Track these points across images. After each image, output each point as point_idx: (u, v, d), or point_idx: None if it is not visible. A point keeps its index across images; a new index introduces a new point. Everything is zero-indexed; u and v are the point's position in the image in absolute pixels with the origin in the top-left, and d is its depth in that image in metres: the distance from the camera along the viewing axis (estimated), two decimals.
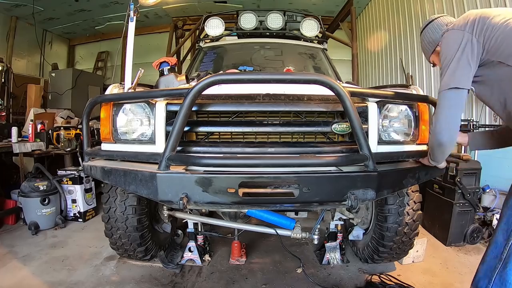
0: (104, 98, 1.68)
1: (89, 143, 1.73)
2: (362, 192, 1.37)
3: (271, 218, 2.13)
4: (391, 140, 1.66)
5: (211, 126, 1.59)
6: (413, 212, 2.03)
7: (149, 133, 1.59)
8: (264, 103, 1.52)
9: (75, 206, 3.33)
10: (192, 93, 1.31)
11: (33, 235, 2.92)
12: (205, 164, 1.39)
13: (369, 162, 1.38)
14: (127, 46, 2.03)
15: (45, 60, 7.84)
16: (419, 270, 2.34)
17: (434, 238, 2.89)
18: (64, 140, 3.74)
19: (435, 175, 1.73)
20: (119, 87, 1.86)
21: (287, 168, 1.42)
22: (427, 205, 3.02)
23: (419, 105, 1.68)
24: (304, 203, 1.45)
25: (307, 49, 3.52)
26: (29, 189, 3.03)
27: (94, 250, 2.63)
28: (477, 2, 3.65)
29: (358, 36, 6.98)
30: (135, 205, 2.02)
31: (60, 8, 6.85)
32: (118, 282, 2.13)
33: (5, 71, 5.08)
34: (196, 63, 3.39)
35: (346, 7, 6.15)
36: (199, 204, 1.43)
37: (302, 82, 1.37)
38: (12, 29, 6.79)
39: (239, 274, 2.26)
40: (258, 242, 2.77)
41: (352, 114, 1.33)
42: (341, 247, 2.43)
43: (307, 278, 2.18)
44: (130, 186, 1.49)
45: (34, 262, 2.39)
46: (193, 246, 2.38)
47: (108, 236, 2.12)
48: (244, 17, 3.42)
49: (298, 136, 1.64)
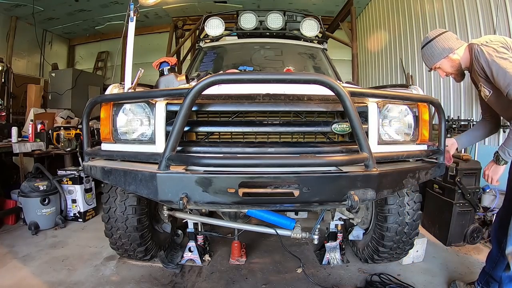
0: (104, 98, 1.68)
1: (89, 143, 1.73)
2: (362, 192, 1.37)
3: (271, 218, 2.13)
4: (391, 140, 1.66)
5: (211, 126, 1.59)
6: (413, 212, 2.03)
7: (149, 133, 1.59)
8: (264, 103, 1.52)
9: (75, 206, 3.33)
10: (192, 93, 1.31)
11: (33, 235, 2.92)
12: (205, 164, 1.39)
13: (369, 162, 1.38)
14: (127, 46, 2.03)
15: (45, 60, 7.85)
16: (419, 270, 2.34)
17: (434, 238, 2.89)
18: (64, 140, 3.74)
19: (435, 175, 1.73)
20: (119, 87, 1.86)
21: (287, 168, 1.42)
22: (427, 205, 3.02)
23: (419, 105, 1.68)
24: (304, 203, 1.44)
25: (307, 49, 3.52)
26: (29, 189, 3.03)
27: (94, 250, 2.63)
28: (477, 2, 3.65)
29: (358, 36, 6.98)
30: (135, 205, 2.02)
31: (60, 8, 6.85)
32: (118, 282, 2.13)
33: (5, 71, 5.09)
34: (196, 63, 3.39)
35: (346, 7, 6.16)
36: (199, 204, 1.42)
37: (302, 82, 1.37)
38: (12, 29, 6.80)
39: (239, 274, 2.26)
40: (258, 242, 2.77)
41: (352, 114, 1.33)
42: (341, 247, 2.43)
43: (307, 278, 2.18)
44: (130, 186, 1.48)
45: (34, 262, 2.39)
46: (193, 246, 2.38)
47: (108, 236, 2.12)
48: (244, 17, 3.42)
49: (298, 136, 1.64)
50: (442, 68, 1.82)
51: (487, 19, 3.50)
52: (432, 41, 1.78)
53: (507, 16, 3.22)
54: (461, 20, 3.95)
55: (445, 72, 1.84)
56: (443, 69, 1.82)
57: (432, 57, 1.79)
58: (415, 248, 2.27)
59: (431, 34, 1.81)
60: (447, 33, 1.77)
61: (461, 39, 1.82)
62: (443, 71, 1.84)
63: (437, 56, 1.78)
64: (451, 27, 4.13)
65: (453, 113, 4.12)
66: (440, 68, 1.82)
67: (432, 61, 1.81)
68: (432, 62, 1.81)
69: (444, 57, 1.76)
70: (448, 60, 1.77)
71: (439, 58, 1.77)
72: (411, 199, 2.03)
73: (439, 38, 1.76)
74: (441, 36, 1.76)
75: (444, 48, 1.74)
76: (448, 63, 1.77)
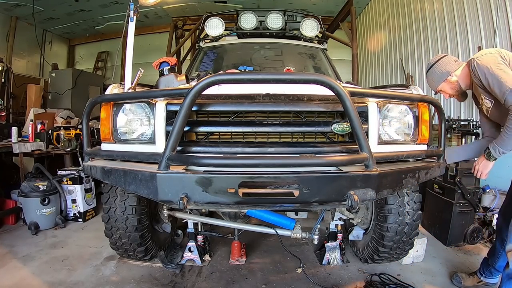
0: (104, 98, 1.68)
1: (89, 143, 1.73)
2: (362, 192, 1.37)
3: (271, 218, 2.13)
4: (391, 140, 1.66)
5: (211, 126, 1.59)
6: (413, 212, 2.02)
7: (149, 133, 1.59)
8: (264, 103, 1.51)
9: (75, 206, 3.33)
10: (192, 93, 1.31)
11: (33, 235, 2.92)
12: (205, 164, 1.39)
13: (369, 162, 1.38)
14: (127, 46, 2.03)
15: (45, 60, 7.85)
16: (419, 270, 2.34)
17: (434, 238, 2.88)
18: (64, 140, 3.74)
19: (435, 175, 1.74)
20: (119, 87, 1.86)
21: (287, 168, 1.42)
22: (427, 205, 3.02)
23: (419, 105, 1.68)
24: (304, 203, 1.44)
25: (307, 49, 3.52)
26: (29, 189, 3.03)
27: (94, 250, 2.63)
28: (477, 2, 3.65)
29: (358, 36, 6.99)
30: (135, 205, 2.01)
31: (60, 8, 6.86)
32: (118, 282, 2.13)
33: (5, 71, 5.08)
34: (196, 63, 3.39)
35: (346, 7, 6.16)
36: (199, 204, 1.42)
37: (302, 82, 1.37)
38: (12, 29, 6.80)
39: (239, 274, 2.26)
40: (258, 242, 2.77)
41: (352, 114, 1.33)
42: (341, 247, 2.43)
43: (307, 278, 2.18)
44: (130, 186, 1.48)
45: (34, 262, 2.39)
46: (193, 246, 2.38)
47: (108, 236, 2.12)
48: (244, 17, 3.42)
49: (298, 136, 1.64)
50: (444, 91, 1.96)
51: (487, 19, 3.50)
52: (433, 66, 1.93)
53: (507, 16, 3.22)
54: (461, 20, 3.95)
55: (447, 94, 1.97)
56: (445, 91, 1.96)
57: (434, 82, 1.95)
58: (415, 248, 2.27)
59: (432, 60, 1.96)
60: (446, 58, 1.92)
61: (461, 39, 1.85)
62: (445, 93, 1.98)
63: (437, 81, 1.93)
64: (451, 27, 4.13)
65: (453, 113, 4.12)
66: (442, 90, 1.97)
67: (434, 85, 1.96)
68: (434, 86, 1.97)
69: (444, 81, 1.90)
70: (447, 83, 1.91)
71: (439, 82, 1.92)
72: (411, 199, 2.03)
73: (438, 64, 1.91)
74: (440, 61, 1.91)
75: (442, 72, 1.89)
76: (448, 85, 1.92)
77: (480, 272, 2.06)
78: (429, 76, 1.97)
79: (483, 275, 2.04)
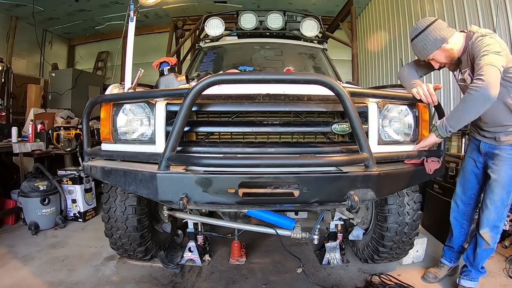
0: (104, 98, 1.68)
1: (89, 143, 1.73)
2: (362, 192, 1.37)
3: (271, 218, 2.13)
4: (391, 140, 1.66)
5: (211, 126, 1.59)
6: (413, 212, 2.02)
7: (149, 133, 1.59)
8: (264, 103, 1.52)
9: (75, 206, 3.33)
10: (192, 93, 1.31)
11: (33, 235, 2.91)
12: (205, 164, 1.39)
13: (369, 162, 1.38)
14: (127, 46, 2.03)
15: (45, 60, 7.84)
16: (419, 270, 2.33)
17: (434, 238, 2.88)
18: (64, 140, 3.74)
19: (435, 175, 1.73)
20: (119, 87, 1.86)
21: (287, 168, 1.43)
22: (427, 205, 3.01)
23: (419, 105, 1.68)
24: (304, 203, 1.45)
25: (307, 49, 3.52)
26: (29, 189, 3.03)
27: (94, 250, 2.62)
28: (477, 2, 3.65)
29: (358, 36, 6.97)
30: (135, 205, 2.01)
31: (60, 8, 6.85)
32: (118, 282, 2.13)
33: (5, 71, 5.09)
34: (196, 63, 3.39)
35: (346, 7, 6.15)
36: (199, 204, 1.43)
37: (302, 82, 1.37)
38: (12, 29, 6.80)
39: (239, 274, 2.26)
40: (258, 242, 2.77)
41: (352, 114, 1.33)
42: (341, 247, 2.43)
43: (307, 278, 2.18)
44: (130, 186, 1.49)
45: (34, 262, 2.39)
46: (193, 246, 2.38)
47: (108, 236, 2.12)
48: (244, 17, 3.42)
49: (298, 136, 1.64)
50: (436, 59, 1.74)
51: (487, 19, 3.50)
52: (424, 31, 1.67)
53: (507, 16, 3.22)
54: (461, 20, 3.95)
55: (439, 63, 1.77)
56: (437, 60, 1.75)
57: (425, 49, 1.70)
58: (415, 248, 2.27)
59: (422, 24, 1.69)
60: (438, 22, 1.68)
61: None
62: (436, 62, 1.76)
63: (430, 48, 1.69)
64: (451, 27, 4.12)
65: None
66: (433, 59, 1.74)
67: (425, 53, 1.72)
68: (425, 55, 1.73)
69: (438, 48, 1.68)
70: (442, 51, 1.69)
71: (432, 50, 1.69)
72: (411, 199, 2.03)
73: (431, 28, 1.66)
74: (432, 25, 1.67)
75: (436, 38, 1.66)
76: (443, 53, 1.70)
77: (447, 259, 2.20)
78: (419, 42, 1.70)
79: (452, 261, 2.20)
